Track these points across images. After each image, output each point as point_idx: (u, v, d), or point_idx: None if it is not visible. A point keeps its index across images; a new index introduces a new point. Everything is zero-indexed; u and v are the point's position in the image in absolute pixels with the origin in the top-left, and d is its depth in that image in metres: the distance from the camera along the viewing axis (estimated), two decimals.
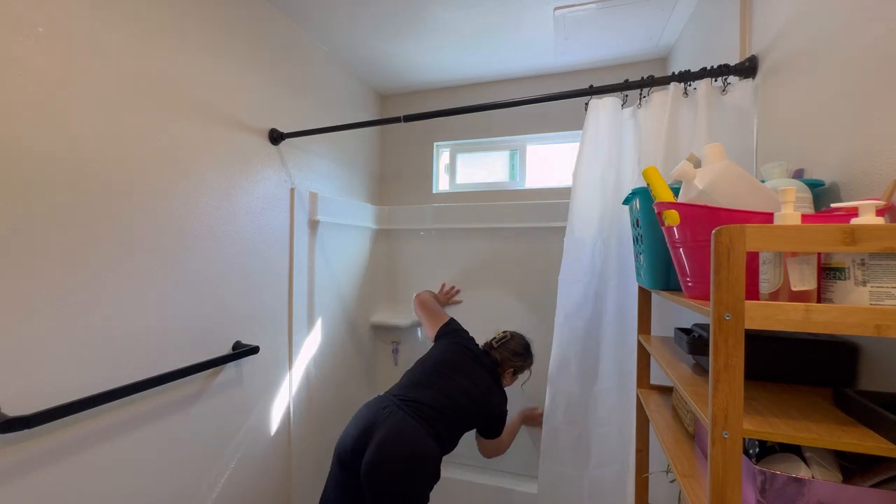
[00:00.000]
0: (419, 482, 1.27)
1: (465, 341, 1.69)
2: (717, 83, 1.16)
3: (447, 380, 1.48)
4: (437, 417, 1.36)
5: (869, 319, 0.46)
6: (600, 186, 1.29)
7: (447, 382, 1.47)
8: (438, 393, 1.42)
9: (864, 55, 0.70)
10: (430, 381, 1.48)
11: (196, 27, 1.27)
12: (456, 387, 1.46)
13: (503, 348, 1.67)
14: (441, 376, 1.49)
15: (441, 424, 1.36)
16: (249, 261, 1.47)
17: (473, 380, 1.53)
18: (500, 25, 1.69)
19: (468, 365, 1.57)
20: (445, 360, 1.58)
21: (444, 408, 1.39)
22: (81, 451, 0.98)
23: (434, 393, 1.42)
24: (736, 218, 0.61)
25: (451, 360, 1.57)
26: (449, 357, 1.59)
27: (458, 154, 2.40)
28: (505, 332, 1.74)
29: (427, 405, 1.38)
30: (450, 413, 1.39)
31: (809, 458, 0.57)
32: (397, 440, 1.27)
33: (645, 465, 1.15)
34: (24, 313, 0.88)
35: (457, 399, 1.43)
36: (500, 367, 1.63)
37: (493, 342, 1.69)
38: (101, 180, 1.02)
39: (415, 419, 1.33)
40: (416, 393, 1.42)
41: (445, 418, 1.38)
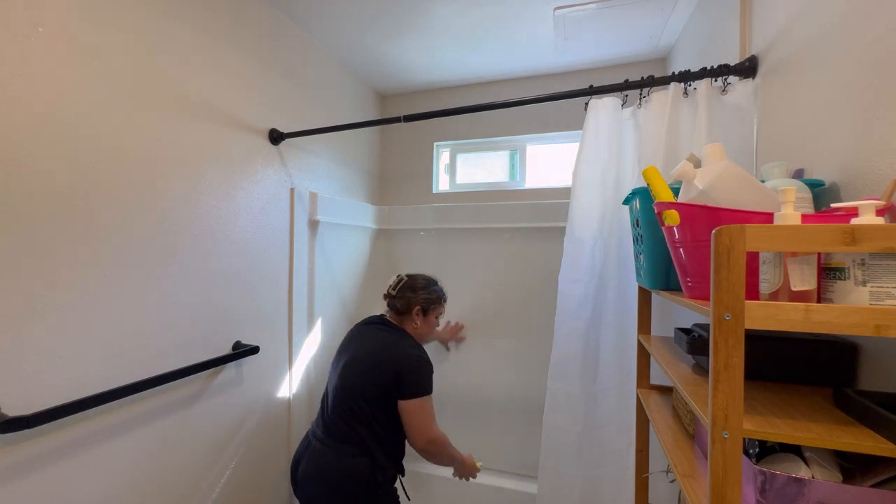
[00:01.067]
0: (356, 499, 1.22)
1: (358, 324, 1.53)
2: (717, 83, 1.16)
3: (338, 372, 1.34)
4: (343, 422, 1.25)
5: (869, 319, 0.46)
6: (600, 186, 1.29)
7: (338, 374, 1.33)
8: (336, 394, 1.30)
9: (864, 55, 0.70)
10: (327, 391, 1.38)
11: (196, 27, 1.27)
12: (348, 368, 1.31)
13: (402, 290, 1.44)
14: (335, 376, 1.35)
15: (351, 425, 1.24)
16: (249, 261, 1.47)
17: (360, 344, 1.37)
18: (500, 25, 1.69)
19: (357, 338, 1.42)
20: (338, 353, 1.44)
21: (345, 405, 1.26)
22: (81, 451, 0.98)
23: (333, 397, 1.30)
24: (736, 218, 0.61)
25: (339, 353, 1.42)
26: (343, 346, 1.44)
27: (458, 154, 2.40)
28: (398, 275, 1.51)
29: (330, 415, 1.29)
30: (354, 402, 1.25)
31: (809, 458, 0.57)
32: (318, 473, 1.24)
33: (645, 465, 1.15)
34: (23, 313, 0.88)
35: (349, 380, 1.28)
36: (405, 312, 1.42)
37: (390, 290, 1.46)
38: (101, 180, 1.02)
39: (328, 438, 1.27)
40: (322, 412, 1.35)
41: (353, 414, 1.24)
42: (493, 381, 2.13)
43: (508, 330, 2.12)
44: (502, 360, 2.12)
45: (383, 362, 1.27)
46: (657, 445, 1.09)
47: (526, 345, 2.08)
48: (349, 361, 1.33)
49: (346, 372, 1.31)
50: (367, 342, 1.38)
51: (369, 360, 1.30)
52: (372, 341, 1.37)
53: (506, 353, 2.12)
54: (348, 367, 1.32)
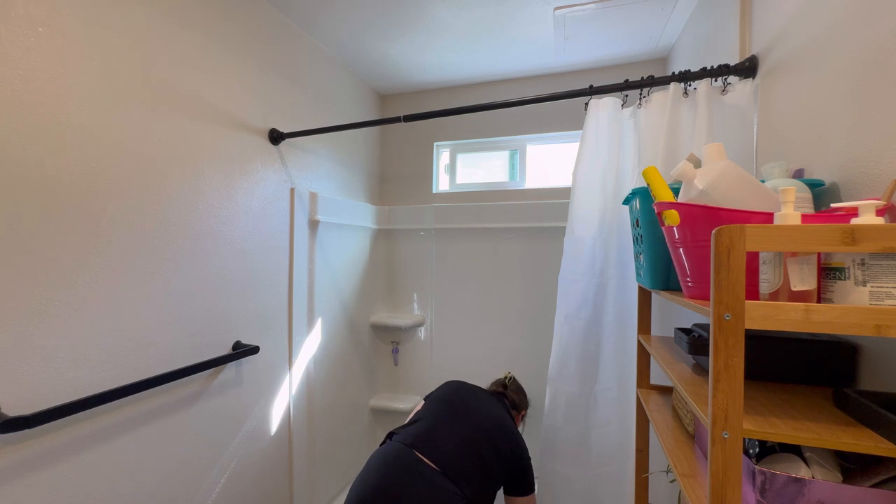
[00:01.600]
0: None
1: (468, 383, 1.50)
2: (717, 83, 1.16)
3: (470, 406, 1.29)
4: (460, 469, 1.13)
5: (869, 319, 0.46)
6: (600, 186, 1.29)
7: (470, 408, 1.27)
8: (460, 434, 1.19)
9: (864, 55, 0.70)
10: (446, 419, 1.25)
11: (196, 27, 1.27)
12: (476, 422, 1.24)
13: (514, 387, 1.54)
14: (463, 403, 1.29)
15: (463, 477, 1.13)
16: (249, 261, 1.47)
17: (493, 412, 1.31)
18: (500, 25, 1.69)
19: (485, 396, 1.39)
20: (459, 395, 1.36)
21: (469, 453, 1.16)
22: (81, 451, 0.98)
23: (455, 435, 1.19)
24: (736, 218, 0.61)
25: (464, 394, 1.36)
26: (461, 391, 1.39)
27: (458, 154, 2.40)
28: (507, 372, 1.62)
29: (448, 454, 1.15)
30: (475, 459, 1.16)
31: (809, 458, 0.57)
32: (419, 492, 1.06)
33: (645, 465, 1.15)
34: (23, 313, 0.88)
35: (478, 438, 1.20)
36: (516, 408, 1.49)
37: (506, 381, 1.55)
38: (102, 180, 1.02)
39: (444, 477, 1.10)
40: (433, 439, 1.19)
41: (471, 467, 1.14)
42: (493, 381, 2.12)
43: (508, 330, 2.12)
44: (502, 359, 2.12)
45: (521, 452, 1.25)
46: (657, 445, 1.09)
47: (526, 345, 2.08)
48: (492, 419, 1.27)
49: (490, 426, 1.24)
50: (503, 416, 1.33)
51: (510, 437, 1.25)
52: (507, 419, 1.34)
53: (505, 353, 2.12)
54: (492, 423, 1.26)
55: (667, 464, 1.05)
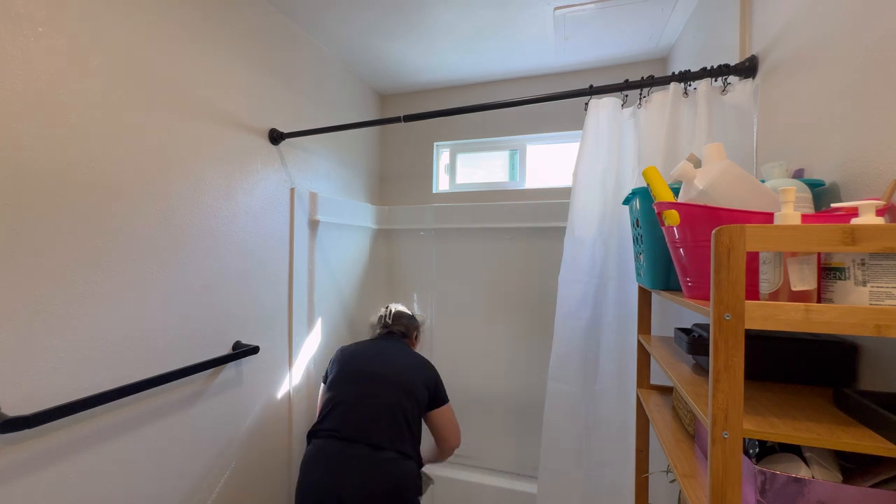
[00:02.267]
0: None
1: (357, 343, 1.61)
2: (717, 83, 1.16)
3: (370, 380, 1.37)
4: (388, 433, 1.27)
5: (869, 319, 0.46)
6: (600, 186, 1.29)
7: (377, 382, 1.36)
8: (379, 403, 1.31)
9: (864, 55, 0.70)
10: (361, 395, 1.35)
11: (196, 27, 1.27)
12: (392, 378, 1.36)
13: (397, 318, 1.65)
14: (362, 381, 1.38)
15: (394, 439, 1.27)
16: (249, 260, 1.47)
17: (397, 355, 1.47)
18: (499, 25, 1.69)
19: (382, 347, 1.52)
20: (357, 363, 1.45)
21: (392, 410, 1.30)
22: (81, 451, 0.98)
23: (374, 407, 1.31)
24: (736, 218, 0.61)
25: (363, 360, 1.46)
26: (359, 358, 1.47)
27: (458, 154, 2.40)
28: (385, 306, 1.71)
29: (373, 428, 1.28)
30: (402, 408, 1.31)
31: (809, 458, 0.57)
32: (375, 481, 1.21)
33: (645, 465, 1.15)
34: (24, 313, 0.88)
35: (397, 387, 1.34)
36: (406, 336, 1.63)
37: (387, 319, 1.64)
38: (101, 180, 1.02)
39: (367, 448, 1.25)
40: (355, 420, 1.30)
41: (396, 426, 1.29)
42: (493, 382, 2.13)
43: (508, 330, 2.12)
44: (502, 360, 2.12)
45: (425, 374, 1.42)
46: (657, 445, 1.09)
47: (526, 345, 2.08)
48: (403, 367, 1.41)
49: (401, 373, 1.38)
50: (400, 356, 1.48)
51: (413, 372, 1.41)
52: (405, 355, 1.49)
53: (506, 353, 2.12)
54: (404, 372, 1.39)
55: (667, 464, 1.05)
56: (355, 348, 1.54)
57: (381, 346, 1.54)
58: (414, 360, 1.47)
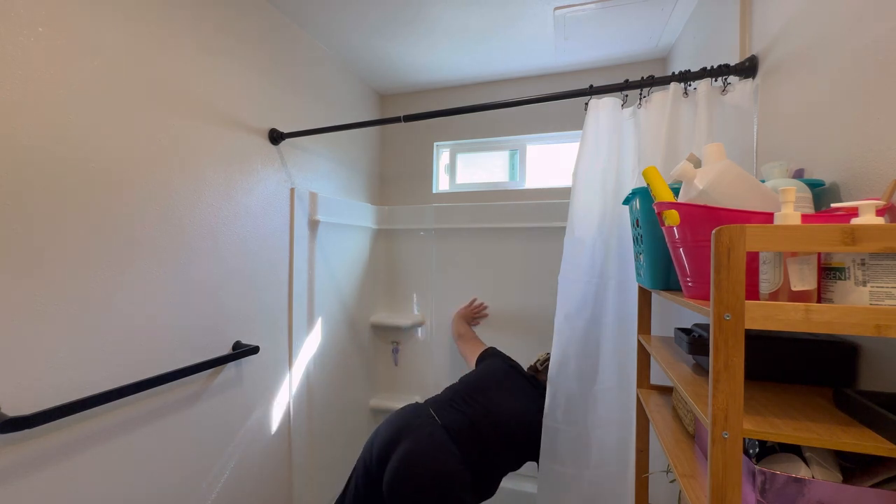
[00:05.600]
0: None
1: (511, 361, 1.60)
2: (717, 83, 1.15)
3: (492, 398, 1.34)
4: (473, 440, 1.23)
5: (869, 319, 0.46)
6: (600, 186, 1.29)
7: (491, 401, 1.33)
8: (481, 411, 1.29)
9: (864, 55, 0.70)
10: (472, 397, 1.35)
11: (196, 27, 1.27)
12: (503, 407, 1.32)
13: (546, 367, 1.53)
14: (485, 393, 1.35)
15: (476, 450, 1.23)
16: (249, 260, 1.47)
17: (524, 401, 1.39)
18: (500, 25, 1.69)
19: (518, 384, 1.44)
20: (492, 377, 1.44)
21: (485, 430, 1.25)
22: (81, 451, 0.98)
23: (475, 411, 1.29)
24: (736, 218, 0.61)
25: (497, 378, 1.44)
26: (496, 375, 1.45)
27: (458, 154, 2.40)
28: (548, 353, 1.56)
29: (465, 423, 1.25)
30: (491, 439, 1.25)
31: (809, 458, 0.57)
32: (424, 456, 1.17)
33: (645, 465, 1.15)
34: (24, 313, 0.88)
35: (502, 421, 1.29)
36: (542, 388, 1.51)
37: (538, 364, 1.57)
38: (101, 180, 1.02)
39: (447, 435, 1.22)
40: (456, 407, 1.31)
41: (484, 444, 1.24)
42: None
43: (508, 330, 2.12)
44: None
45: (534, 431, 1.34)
46: (657, 445, 1.09)
47: (526, 345, 2.08)
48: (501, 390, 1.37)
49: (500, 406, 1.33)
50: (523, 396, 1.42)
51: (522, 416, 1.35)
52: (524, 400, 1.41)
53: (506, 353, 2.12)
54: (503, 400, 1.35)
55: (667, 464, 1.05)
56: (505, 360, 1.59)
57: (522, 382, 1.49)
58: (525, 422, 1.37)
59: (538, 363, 1.58)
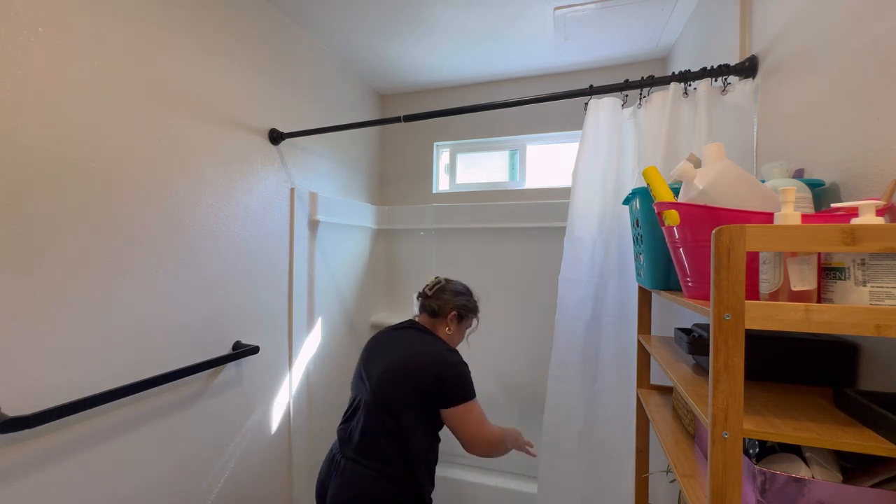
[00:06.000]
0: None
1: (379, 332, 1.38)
2: (717, 83, 1.15)
3: (370, 384, 1.18)
4: (382, 437, 1.11)
5: (869, 319, 0.46)
6: (600, 186, 1.29)
7: (372, 385, 1.17)
8: (371, 407, 1.14)
9: (864, 55, 0.70)
10: (352, 401, 1.23)
11: (196, 27, 1.27)
12: (384, 377, 1.16)
13: (440, 293, 1.33)
14: (365, 388, 1.19)
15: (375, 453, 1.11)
16: (249, 260, 1.47)
17: (392, 350, 1.22)
18: (500, 25, 1.69)
19: (387, 344, 1.27)
20: (361, 361, 1.28)
21: (382, 419, 1.12)
22: (81, 451, 0.98)
23: (366, 411, 1.15)
24: (736, 218, 0.61)
25: (366, 356, 1.28)
26: (365, 353, 1.29)
27: (458, 154, 2.40)
28: (436, 277, 1.39)
29: (355, 439, 1.14)
30: (393, 415, 1.11)
31: (809, 458, 0.57)
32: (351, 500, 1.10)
33: (645, 465, 1.15)
34: (24, 313, 0.88)
35: (386, 391, 1.14)
36: (438, 315, 1.30)
37: (426, 290, 1.35)
38: (101, 180, 1.02)
39: (358, 463, 1.12)
40: (347, 429, 1.19)
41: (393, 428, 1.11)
42: (493, 381, 2.13)
43: (508, 330, 2.12)
44: (502, 359, 2.12)
45: (422, 368, 1.14)
46: (657, 445, 1.09)
47: (525, 345, 2.08)
48: (384, 370, 1.17)
49: (382, 381, 1.16)
50: (400, 348, 1.23)
51: (406, 367, 1.16)
52: (406, 347, 1.23)
53: (505, 353, 2.12)
54: (384, 376, 1.16)
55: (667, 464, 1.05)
56: (373, 339, 1.34)
57: (390, 337, 1.30)
58: (407, 353, 1.20)
59: (426, 289, 1.35)
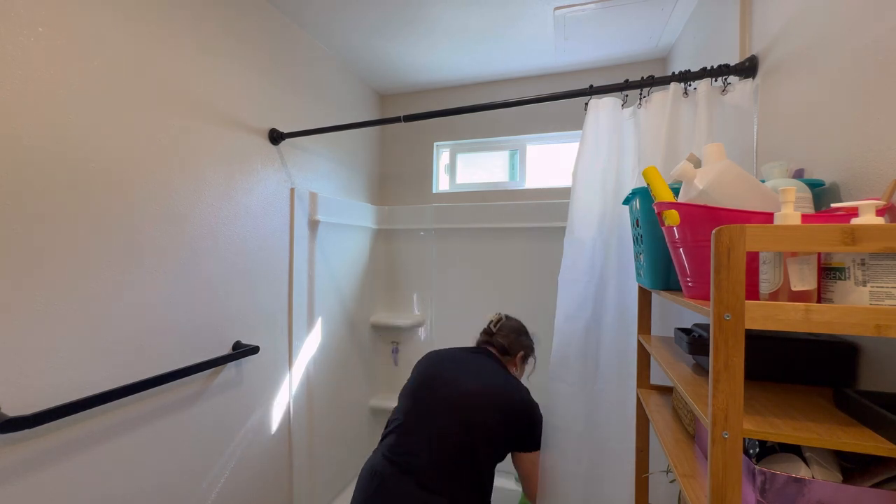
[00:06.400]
0: None
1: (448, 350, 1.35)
2: (717, 83, 1.15)
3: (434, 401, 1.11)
4: (441, 471, 1.05)
5: (869, 319, 0.46)
6: (600, 186, 1.29)
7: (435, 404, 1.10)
8: (431, 430, 1.08)
9: (864, 55, 0.70)
10: (416, 416, 1.15)
11: (196, 27, 1.27)
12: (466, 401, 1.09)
13: (504, 330, 1.33)
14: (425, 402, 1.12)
15: (447, 479, 1.05)
16: (249, 260, 1.47)
17: (476, 374, 1.17)
18: (500, 25, 1.69)
19: (463, 359, 1.22)
20: (430, 372, 1.21)
21: (444, 451, 1.06)
22: (82, 451, 0.98)
23: (426, 434, 1.08)
24: (736, 218, 0.61)
25: (436, 370, 1.20)
26: (434, 367, 1.22)
27: (458, 154, 2.40)
28: (498, 313, 1.41)
29: (423, 460, 1.06)
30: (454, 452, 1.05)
31: (809, 458, 0.57)
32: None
33: (645, 465, 1.15)
34: (24, 313, 0.88)
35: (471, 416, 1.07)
36: (508, 353, 1.32)
37: (492, 326, 1.36)
38: (101, 180, 1.02)
39: (412, 478, 1.05)
40: (407, 445, 1.12)
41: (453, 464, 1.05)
42: None
43: None
44: None
45: (517, 406, 1.11)
46: (657, 445, 1.09)
47: None
48: (472, 393, 1.10)
49: (469, 404, 1.09)
50: (487, 374, 1.17)
51: (500, 398, 1.11)
52: (494, 375, 1.17)
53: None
54: (471, 399, 1.09)
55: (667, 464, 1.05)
56: (440, 354, 1.27)
57: (466, 358, 1.23)
58: (497, 384, 1.14)
59: (491, 325, 1.35)
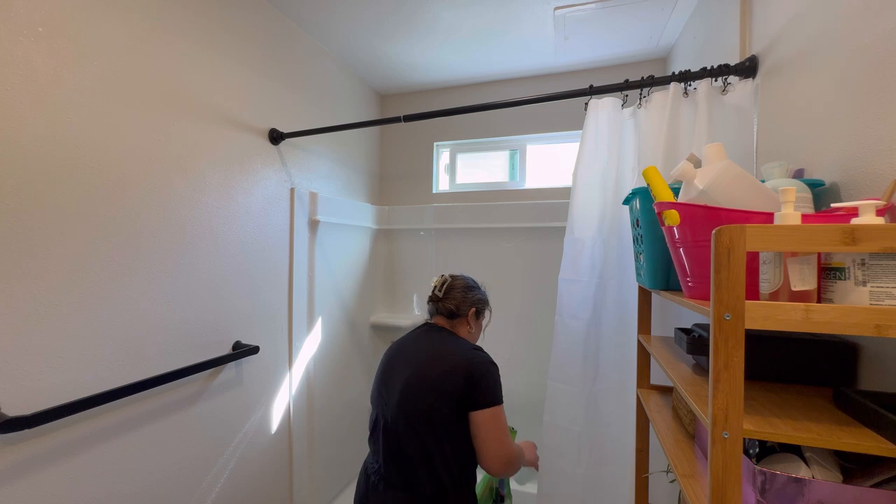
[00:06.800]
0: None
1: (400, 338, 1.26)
2: (718, 83, 1.15)
3: (397, 399, 1.07)
4: (419, 457, 1.02)
5: (869, 319, 0.46)
6: (600, 186, 1.29)
7: (398, 401, 1.06)
8: (402, 425, 1.04)
9: (864, 55, 0.70)
10: (375, 419, 1.12)
11: (196, 27, 1.27)
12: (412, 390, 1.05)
13: (451, 291, 1.23)
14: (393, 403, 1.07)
15: (411, 472, 1.02)
16: (249, 261, 1.47)
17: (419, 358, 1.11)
18: (500, 25, 1.69)
19: (407, 352, 1.16)
20: (381, 378, 1.16)
21: (417, 437, 1.03)
22: (82, 450, 0.98)
23: (395, 430, 1.05)
24: (736, 218, 0.61)
25: (386, 374, 1.15)
26: (383, 372, 1.16)
27: (458, 154, 2.40)
28: (441, 275, 1.29)
29: (394, 452, 1.04)
30: (426, 432, 1.02)
31: (809, 458, 0.57)
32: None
33: (645, 465, 1.15)
34: (24, 313, 0.88)
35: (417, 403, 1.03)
36: (457, 315, 1.22)
37: (436, 292, 1.24)
38: (101, 180, 1.02)
39: (395, 487, 1.03)
40: (374, 447, 1.11)
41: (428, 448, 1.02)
42: None
43: (508, 330, 2.12)
44: (502, 360, 2.11)
45: (450, 369, 1.04)
46: (657, 445, 1.09)
47: (526, 345, 2.08)
48: (408, 383, 1.06)
49: (408, 395, 1.05)
50: (422, 353, 1.12)
51: (433, 372, 1.05)
52: (428, 350, 1.12)
53: (505, 353, 2.12)
54: (408, 389, 1.05)
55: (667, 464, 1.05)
56: (390, 348, 1.22)
57: (414, 341, 1.19)
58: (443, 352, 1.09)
59: (435, 290, 1.24)
